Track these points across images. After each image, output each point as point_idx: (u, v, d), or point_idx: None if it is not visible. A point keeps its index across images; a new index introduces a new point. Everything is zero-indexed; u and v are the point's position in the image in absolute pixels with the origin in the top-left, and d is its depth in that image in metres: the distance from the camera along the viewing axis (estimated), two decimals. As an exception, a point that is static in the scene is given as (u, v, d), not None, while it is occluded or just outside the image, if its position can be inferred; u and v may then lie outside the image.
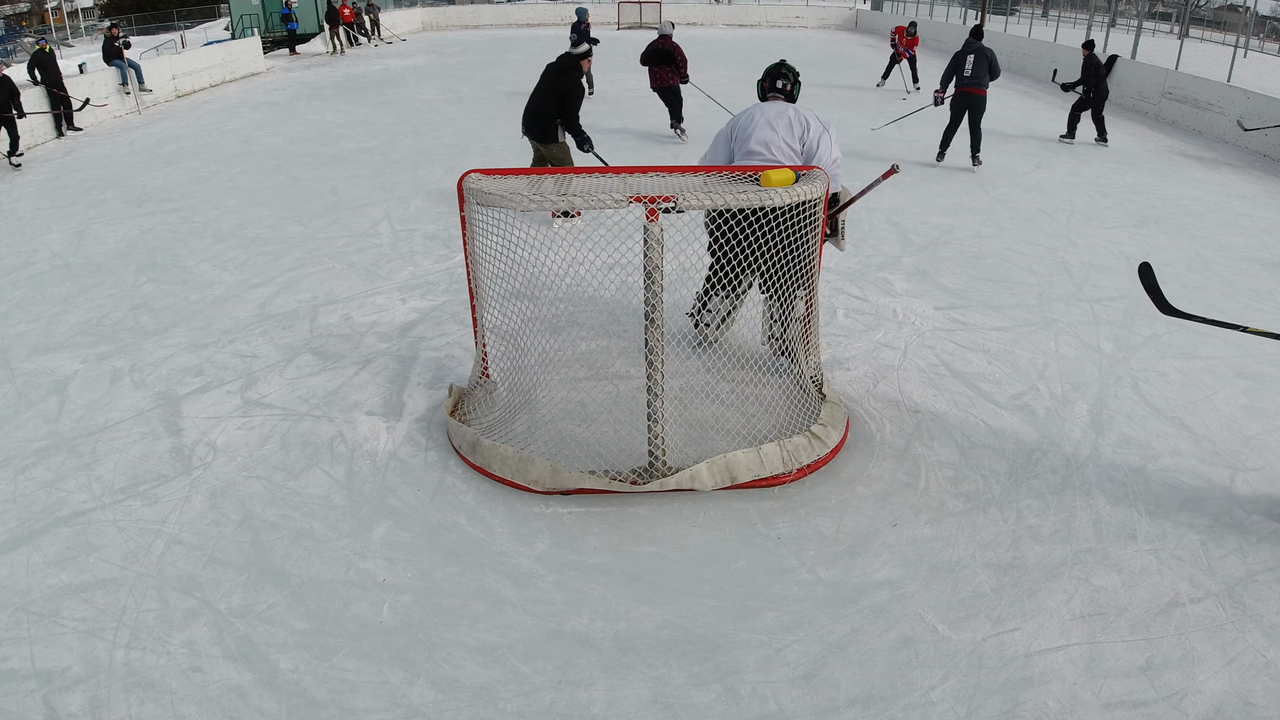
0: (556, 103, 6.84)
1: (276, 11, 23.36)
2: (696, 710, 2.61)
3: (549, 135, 6.94)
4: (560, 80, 6.85)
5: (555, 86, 6.85)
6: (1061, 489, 3.66)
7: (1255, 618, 2.96)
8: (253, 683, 2.69)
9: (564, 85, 6.82)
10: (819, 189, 3.60)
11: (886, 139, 10.64)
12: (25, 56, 15.09)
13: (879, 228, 7.14)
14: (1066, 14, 20.76)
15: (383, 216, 7.41)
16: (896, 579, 3.14)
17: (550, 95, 6.86)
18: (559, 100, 6.82)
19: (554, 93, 6.85)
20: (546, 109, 6.86)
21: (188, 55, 16.81)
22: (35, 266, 6.42)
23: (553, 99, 6.84)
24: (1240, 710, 2.61)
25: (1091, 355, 4.85)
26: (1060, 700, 2.63)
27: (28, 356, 4.93)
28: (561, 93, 6.81)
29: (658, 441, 3.51)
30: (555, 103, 6.84)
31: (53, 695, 2.65)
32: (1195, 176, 9.23)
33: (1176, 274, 6.13)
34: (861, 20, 28.64)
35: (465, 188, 3.73)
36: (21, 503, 3.58)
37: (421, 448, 3.95)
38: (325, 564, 3.23)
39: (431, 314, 5.42)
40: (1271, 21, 18.92)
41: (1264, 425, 4.17)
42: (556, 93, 6.83)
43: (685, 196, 3.34)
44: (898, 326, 5.25)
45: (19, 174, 9.60)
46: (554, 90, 6.85)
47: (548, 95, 6.87)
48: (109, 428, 4.12)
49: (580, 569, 3.20)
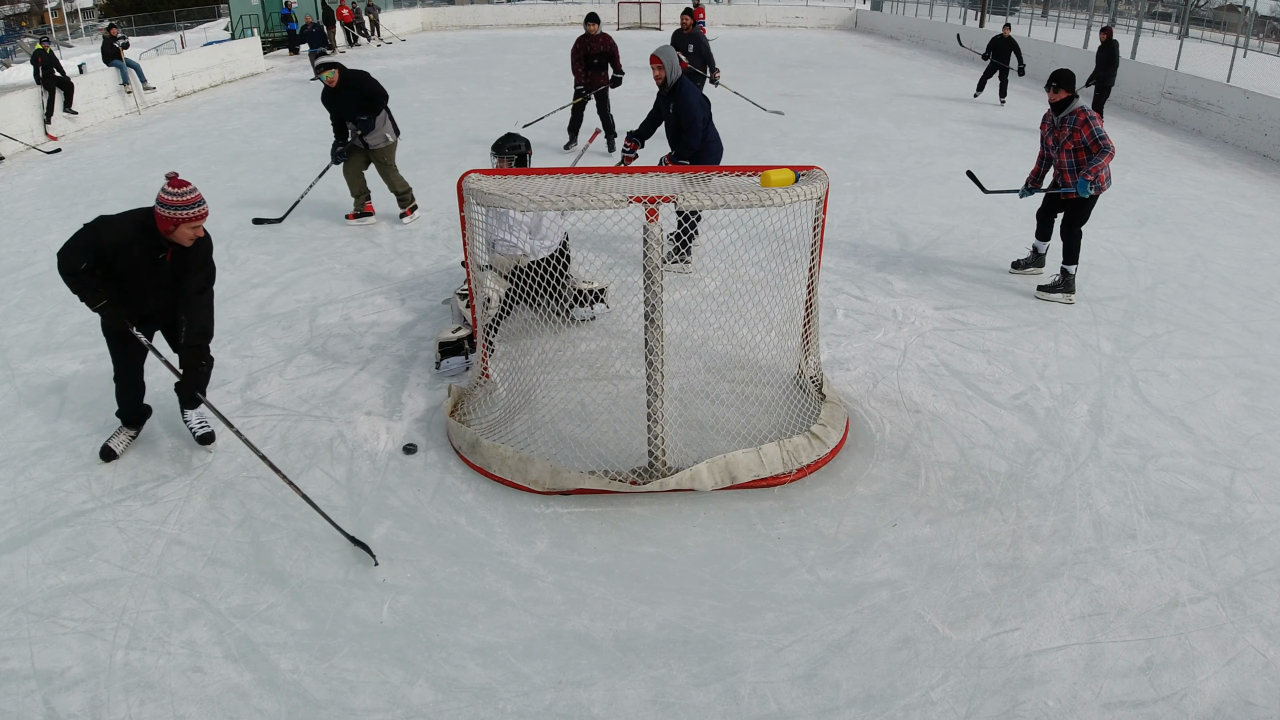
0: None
1: (276, 11, 23.35)
2: (696, 710, 2.60)
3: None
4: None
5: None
6: (1061, 489, 3.66)
7: (1255, 618, 2.96)
8: (253, 683, 2.69)
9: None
10: (819, 189, 3.60)
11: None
12: (25, 57, 15.08)
13: (879, 228, 7.14)
14: (1066, 14, 20.76)
15: (383, 216, 7.40)
16: (896, 579, 3.14)
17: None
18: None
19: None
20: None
21: (187, 55, 16.80)
22: (35, 266, 6.41)
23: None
24: (1240, 710, 2.61)
25: (1091, 355, 4.85)
26: (1060, 700, 2.63)
27: (28, 356, 4.93)
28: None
29: (658, 441, 3.51)
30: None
31: (53, 695, 2.65)
32: (1195, 176, 9.22)
33: (1176, 274, 6.13)
34: (861, 20, 28.62)
35: (465, 188, 3.73)
36: (21, 503, 3.58)
37: (421, 448, 3.95)
38: (325, 564, 3.23)
39: (431, 314, 5.42)
40: (1271, 21, 18.93)
41: (1264, 425, 4.17)
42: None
43: (685, 196, 3.34)
44: (897, 326, 5.25)
45: (19, 174, 9.59)
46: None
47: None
48: (109, 428, 4.12)
49: (580, 569, 3.19)
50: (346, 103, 6.67)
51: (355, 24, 23.26)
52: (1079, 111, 5.35)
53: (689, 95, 5.67)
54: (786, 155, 9.59)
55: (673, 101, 5.69)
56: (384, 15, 25.70)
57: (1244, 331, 5.23)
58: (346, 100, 6.66)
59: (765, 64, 18.41)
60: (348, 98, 6.65)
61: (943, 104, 12.62)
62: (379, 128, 6.81)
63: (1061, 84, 5.40)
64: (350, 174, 7.03)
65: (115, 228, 3.41)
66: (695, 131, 5.66)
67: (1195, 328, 5.25)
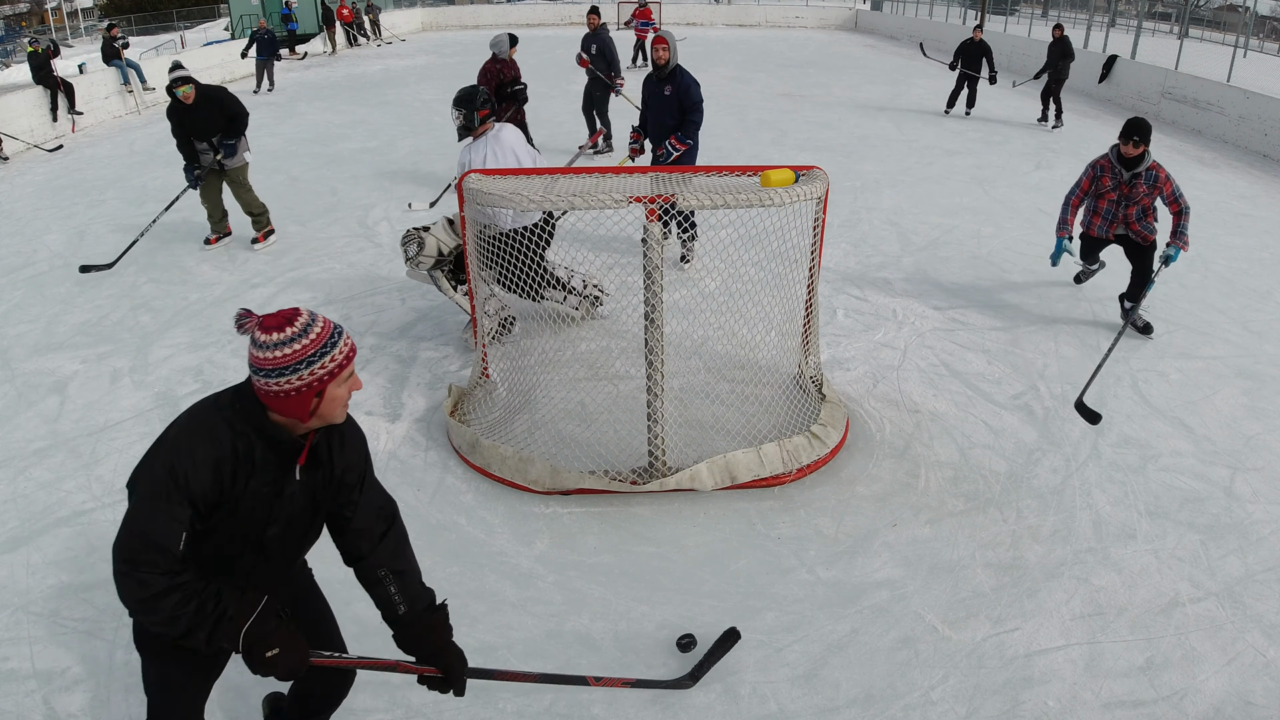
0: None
1: (276, 11, 23.34)
2: (696, 710, 2.60)
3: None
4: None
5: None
6: (1061, 489, 3.66)
7: (1255, 618, 2.96)
8: (253, 683, 2.68)
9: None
10: (819, 189, 3.60)
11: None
12: (25, 57, 15.09)
13: (879, 228, 7.14)
14: (1066, 14, 20.73)
15: (382, 217, 7.40)
16: (896, 579, 3.14)
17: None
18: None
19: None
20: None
21: (188, 55, 16.82)
22: (35, 266, 6.42)
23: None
24: (1240, 710, 2.61)
25: (1091, 355, 4.85)
26: (1060, 700, 2.63)
27: (28, 356, 4.93)
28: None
29: (658, 441, 3.51)
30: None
31: (53, 695, 2.65)
32: (1195, 176, 9.22)
33: (1176, 274, 6.12)
34: (861, 20, 28.60)
35: (465, 188, 3.73)
36: (21, 503, 3.58)
37: (421, 448, 3.95)
38: (325, 564, 3.22)
39: (431, 314, 5.41)
40: (1271, 21, 18.93)
41: (1264, 425, 4.17)
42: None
43: (685, 196, 3.34)
44: (897, 326, 5.25)
45: (19, 174, 9.59)
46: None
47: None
48: (109, 428, 4.12)
49: (580, 569, 3.19)
50: (203, 121, 6.11)
51: (355, 24, 23.26)
52: (1157, 168, 4.83)
53: (687, 76, 5.81)
54: (786, 155, 9.59)
55: (670, 84, 5.73)
56: (384, 15, 25.70)
57: (1244, 331, 5.23)
58: (204, 119, 6.11)
59: (765, 64, 18.40)
60: (205, 116, 6.10)
61: (943, 104, 12.61)
62: (240, 149, 6.35)
63: (1143, 138, 4.74)
64: (209, 196, 6.50)
65: (202, 442, 1.69)
66: (699, 109, 5.80)
67: (1195, 328, 5.25)
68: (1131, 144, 4.73)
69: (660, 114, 5.87)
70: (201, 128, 6.12)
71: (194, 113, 6.07)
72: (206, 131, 6.14)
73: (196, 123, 6.09)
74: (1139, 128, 4.74)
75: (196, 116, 6.08)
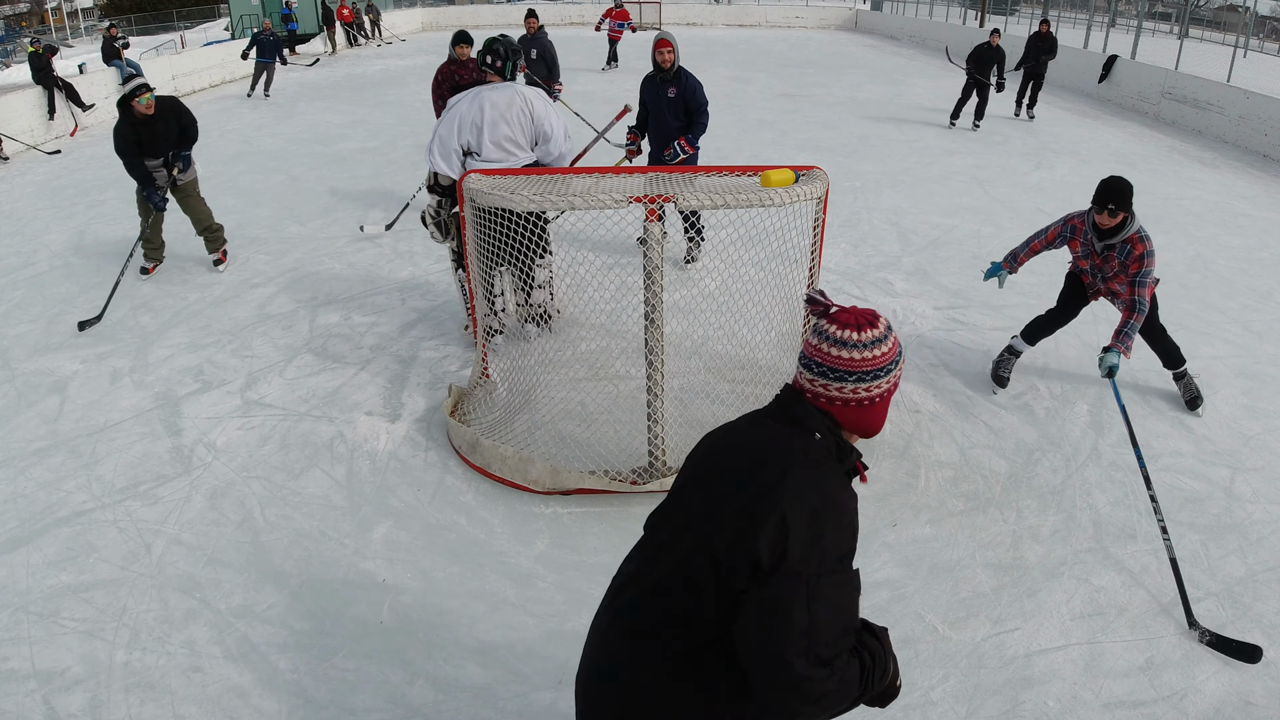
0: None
1: (276, 11, 23.35)
2: (696, 710, 2.60)
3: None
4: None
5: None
6: (1061, 489, 3.66)
7: (1255, 618, 2.96)
8: (253, 683, 2.68)
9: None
10: (819, 189, 3.60)
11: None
12: (25, 57, 15.10)
13: (879, 228, 7.14)
14: (1066, 14, 20.75)
15: (383, 217, 7.40)
16: (896, 579, 3.14)
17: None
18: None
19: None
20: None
21: (188, 55, 16.82)
22: (35, 266, 6.42)
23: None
24: (1240, 710, 2.61)
25: (1091, 355, 4.85)
26: (1060, 700, 2.63)
27: (28, 356, 4.93)
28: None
29: (658, 441, 3.51)
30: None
31: (53, 695, 2.65)
32: (1195, 176, 9.22)
33: (1176, 274, 6.12)
34: (861, 20, 28.62)
35: (465, 188, 3.73)
36: (21, 503, 3.58)
37: (421, 448, 3.95)
38: (325, 564, 3.23)
39: (431, 314, 5.41)
40: (1271, 21, 18.95)
41: (1264, 425, 4.17)
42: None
43: (685, 196, 3.34)
44: (898, 326, 5.25)
45: (19, 174, 9.60)
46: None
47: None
48: (109, 428, 4.12)
49: (580, 569, 3.19)
50: (161, 134, 5.59)
51: (355, 24, 23.27)
52: (1137, 242, 3.86)
53: (692, 78, 5.79)
54: (786, 155, 9.59)
55: (675, 85, 5.73)
56: (384, 15, 25.70)
57: (1244, 331, 5.24)
58: (161, 130, 5.59)
59: (765, 64, 18.41)
60: (163, 128, 5.59)
61: (943, 104, 12.61)
62: (192, 160, 5.91)
63: (1120, 205, 3.78)
64: (156, 220, 5.96)
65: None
66: (706, 111, 5.81)
67: (1195, 328, 5.25)
68: (1107, 212, 3.81)
69: (662, 116, 5.85)
70: (159, 141, 5.62)
71: (151, 125, 5.54)
72: (164, 145, 5.65)
73: (155, 136, 5.58)
74: (1116, 192, 3.78)
75: (154, 129, 5.56)
